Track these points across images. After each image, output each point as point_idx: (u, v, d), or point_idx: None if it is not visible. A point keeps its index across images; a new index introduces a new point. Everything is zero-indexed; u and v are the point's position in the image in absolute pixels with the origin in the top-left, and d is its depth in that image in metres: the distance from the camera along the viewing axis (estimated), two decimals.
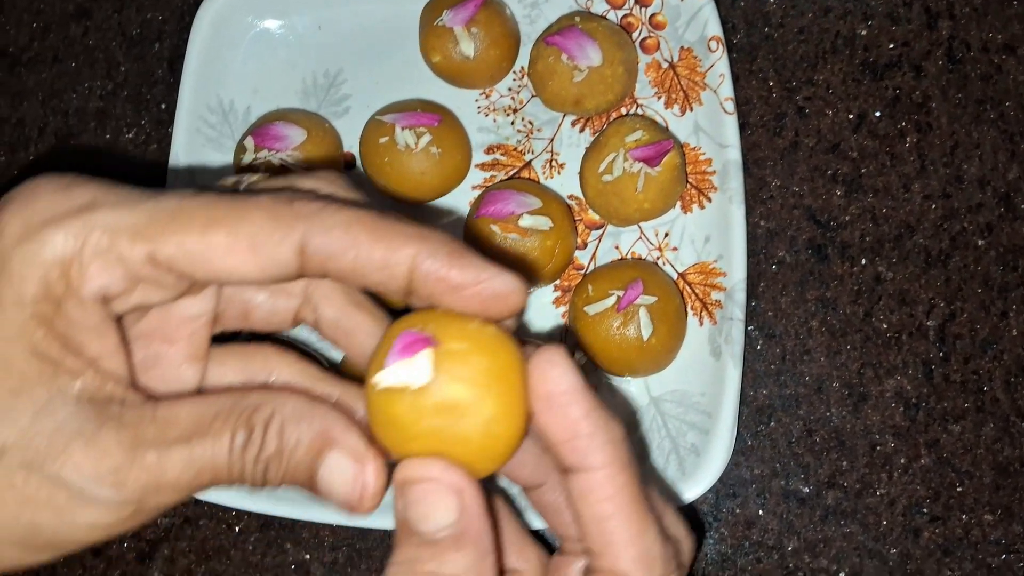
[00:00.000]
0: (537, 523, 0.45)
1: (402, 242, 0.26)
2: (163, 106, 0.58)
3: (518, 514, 0.33)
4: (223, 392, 0.28)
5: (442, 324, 0.26)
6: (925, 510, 0.50)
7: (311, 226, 0.25)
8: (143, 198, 0.26)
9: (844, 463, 0.51)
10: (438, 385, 0.25)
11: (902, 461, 0.50)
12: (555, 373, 0.26)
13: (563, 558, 0.32)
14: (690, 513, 0.50)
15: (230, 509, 0.53)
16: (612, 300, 0.48)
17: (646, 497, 0.28)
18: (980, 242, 0.52)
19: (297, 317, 0.32)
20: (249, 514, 0.53)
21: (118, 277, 0.25)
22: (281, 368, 0.31)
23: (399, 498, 0.26)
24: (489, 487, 0.28)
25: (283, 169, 0.52)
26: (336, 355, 0.52)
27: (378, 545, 0.52)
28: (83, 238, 0.24)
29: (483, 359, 0.26)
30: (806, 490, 0.51)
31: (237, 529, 0.53)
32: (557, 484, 0.32)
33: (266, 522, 0.53)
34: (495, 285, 0.26)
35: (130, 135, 0.58)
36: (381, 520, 0.50)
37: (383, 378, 0.26)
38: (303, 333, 0.51)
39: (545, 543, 0.33)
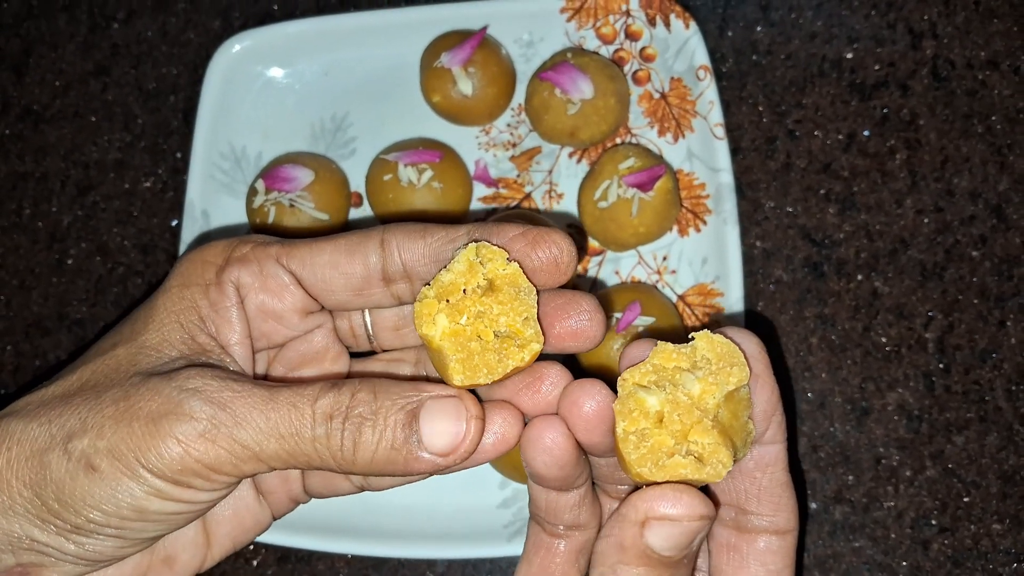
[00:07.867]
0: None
1: (457, 228, 0.33)
2: (178, 155, 0.61)
3: None
4: None
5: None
6: (933, 522, 0.50)
7: (388, 228, 0.33)
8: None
9: (850, 478, 0.51)
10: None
11: (908, 473, 0.50)
12: (761, 354, 0.30)
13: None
14: None
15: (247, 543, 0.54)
16: (611, 322, 0.49)
17: None
18: (974, 253, 0.52)
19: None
20: (267, 547, 0.54)
21: (251, 271, 0.34)
22: None
23: (637, 526, 0.29)
24: None
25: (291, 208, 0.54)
26: None
27: (392, 575, 0.53)
28: (233, 246, 0.34)
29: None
30: (814, 506, 0.51)
31: (255, 563, 0.54)
32: None
33: (283, 555, 0.54)
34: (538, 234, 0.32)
35: (148, 184, 0.61)
36: (397, 549, 0.51)
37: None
38: None
39: None
